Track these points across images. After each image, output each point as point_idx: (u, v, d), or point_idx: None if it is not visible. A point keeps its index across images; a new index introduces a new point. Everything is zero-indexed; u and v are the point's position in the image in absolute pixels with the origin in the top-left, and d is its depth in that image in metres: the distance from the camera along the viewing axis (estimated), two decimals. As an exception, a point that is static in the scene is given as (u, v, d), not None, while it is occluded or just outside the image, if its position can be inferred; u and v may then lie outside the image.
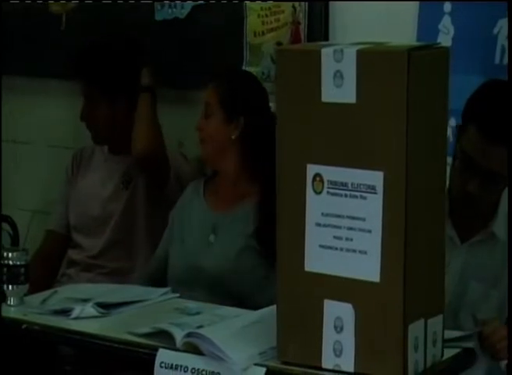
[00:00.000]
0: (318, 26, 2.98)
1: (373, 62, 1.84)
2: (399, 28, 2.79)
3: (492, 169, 2.30)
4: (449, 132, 2.39)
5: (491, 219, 2.43)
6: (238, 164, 2.80)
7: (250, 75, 2.96)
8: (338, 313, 1.89)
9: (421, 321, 1.90)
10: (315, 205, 1.90)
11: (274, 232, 2.62)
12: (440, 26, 2.81)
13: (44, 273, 3.11)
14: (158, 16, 3.24)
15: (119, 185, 3.15)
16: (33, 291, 2.41)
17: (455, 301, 2.34)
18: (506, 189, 2.36)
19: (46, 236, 3.25)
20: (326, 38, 2.94)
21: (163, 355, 2.04)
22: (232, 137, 2.77)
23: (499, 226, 2.42)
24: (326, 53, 1.86)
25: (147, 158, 3.02)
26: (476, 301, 2.38)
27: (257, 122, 2.76)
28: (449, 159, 2.25)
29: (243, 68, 3.11)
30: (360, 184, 1.85)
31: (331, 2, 2.96)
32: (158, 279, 2.80)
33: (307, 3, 2.98)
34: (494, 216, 2.43)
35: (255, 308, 2.28)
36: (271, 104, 2.79)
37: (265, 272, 2.68)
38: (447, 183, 2.18)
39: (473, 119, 2.32)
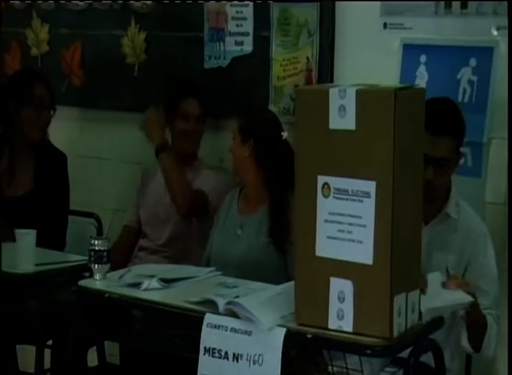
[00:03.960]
0: (326, 73, 2.96)
1: (368, 98, 1.82)
2: (386, 74, 2.76)
3: (440, 156, 2.30)
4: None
5: (444, 203, 2.41)
6: (255, 178, 2.78)
7: (268, 110, 2.93)
8: (340, 287, 1.87)
9: (404, 294, 1.88)
10: (324, 206, 1.88)
11: (282, 229, 2.66)
12: (417, 73, 2.78)
13: (121, 256, 3.10)
14: (207, 65, 3.23)
15: None
16: (113, 269, 2.40)
17: (423, 266, 2.30)
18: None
19: (122, 229, 3.24)
20: (332, 81, 2.93)
21: (209, 318, 2.02)
22: (246, 154, 2.74)
23: (451, 208, 2.41)
24: (333, 92, 1.85)
25: (189, 213, 2.98)
26: (439, 265, 2.33)
27: (266, 144, 2.73)
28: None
29: (269, 105, 3.08)
30: (358, 191, 1.83)
31: (336, 54, 2.94)
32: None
33: (317, 57, 2.97)
34: (447, 201, 2.41)
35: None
36: (283, 133, 2.77)
37: (278, 260, 2.69)
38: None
39: None
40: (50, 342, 2.91)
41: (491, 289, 2.32)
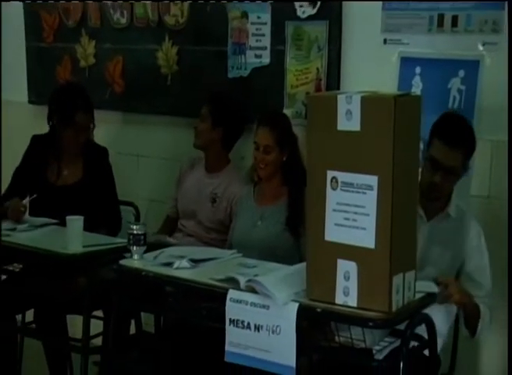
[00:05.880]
0: (333, 82, 2.92)
1: (372, 104, 1.80)
2: (386, 83, 2.72)
3: (450, 165, 2.26)
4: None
5: (447, 204, 2.37)
6: (280, 179, 2.77)
7: (287, 118, 2.87)
8: (346, 268, 1.86)
9: (401, 274, 1.86)
10: (332, 197, 1.86)
11: (298, 219, 2.63)
12: (413, 82, 2.76)
13: None
14: (230, 75, 3.21)
15: (208, 199, 3.01)
16: (148, 250, 2.38)
17: (422, 258, 2.28)
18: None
19: (165, 219, 3.19)
20: (339, 89, 2.89)
21: (232, 294, 2.02)
22: (284, 159, 2.74)
23: (452, 209, 2.37)
24: (340, 98, 1.83)
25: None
26: (436, 259, 2.32)
27: (298, 151, 2.73)
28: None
29: (284, 109, 3.05)
30: (362, 184, 1.81)
31: (342, 66, 2.90)
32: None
33: (326, 68, 2.93)
34: (449, 202, 2.37)
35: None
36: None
37: (293, 244, 2.66)
38: (419, 178, 2.13)
39: (437, 134, 2.29)
40: (96, 313, 2.92)
41: (486, 281, 2.32)
